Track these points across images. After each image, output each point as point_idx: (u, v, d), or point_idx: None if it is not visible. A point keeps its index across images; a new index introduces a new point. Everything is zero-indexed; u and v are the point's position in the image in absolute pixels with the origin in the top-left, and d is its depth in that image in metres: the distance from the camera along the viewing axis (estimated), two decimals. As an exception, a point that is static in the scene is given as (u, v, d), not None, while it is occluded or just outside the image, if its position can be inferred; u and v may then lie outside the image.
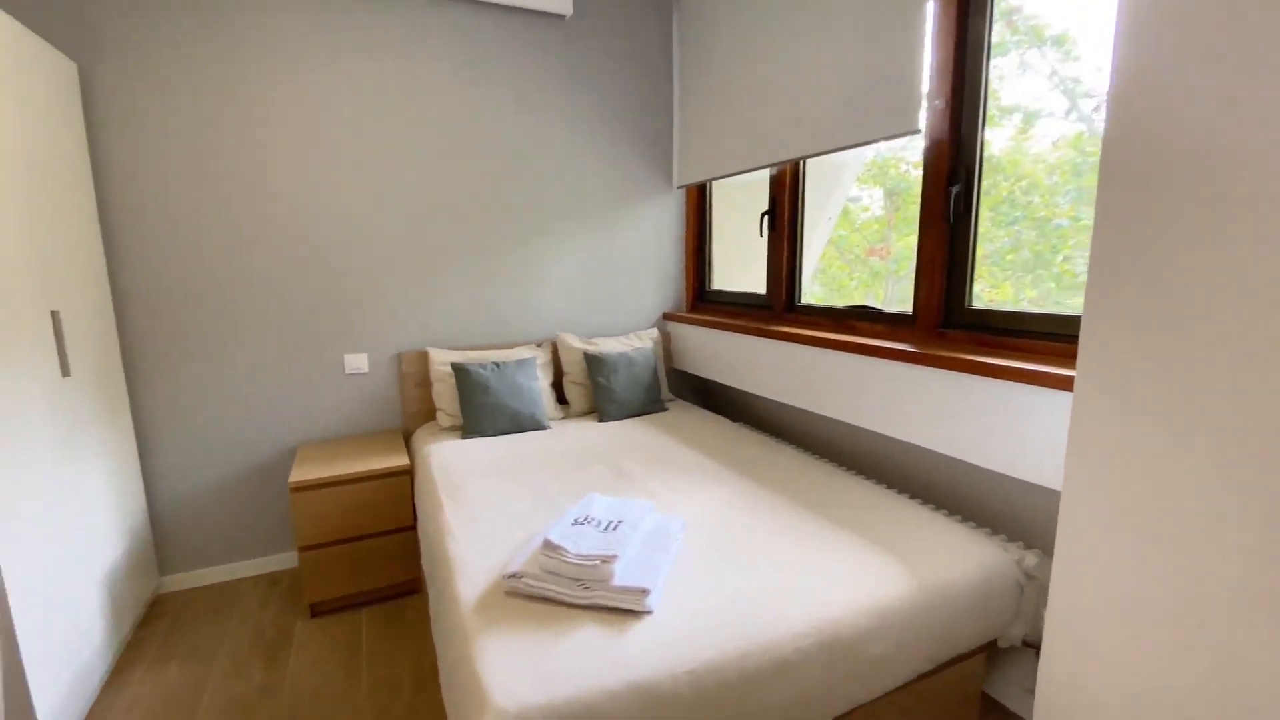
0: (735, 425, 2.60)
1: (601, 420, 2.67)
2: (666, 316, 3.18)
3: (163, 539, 2.39)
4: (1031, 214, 1.82)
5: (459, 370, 2.49)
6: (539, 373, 2.68)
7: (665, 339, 3.17)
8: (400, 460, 2.30)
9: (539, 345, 2.85)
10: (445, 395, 2.55)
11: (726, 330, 2.68)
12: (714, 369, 2.84)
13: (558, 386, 2.88)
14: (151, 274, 2.25)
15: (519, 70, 2.70)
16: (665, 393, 2.97)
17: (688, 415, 2.75)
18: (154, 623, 2.22)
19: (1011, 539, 1.74)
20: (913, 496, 2.00)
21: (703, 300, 3.19)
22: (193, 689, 1.87)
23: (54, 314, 1.76)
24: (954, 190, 1.83)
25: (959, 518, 1.82)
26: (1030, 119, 1.77)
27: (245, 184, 2.33)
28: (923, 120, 1.83)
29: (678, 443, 2.36)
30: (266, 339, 2.43)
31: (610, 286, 3.04)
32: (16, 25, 1.69)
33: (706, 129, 2.79)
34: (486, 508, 1.78)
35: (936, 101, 1.85)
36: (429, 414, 2.70)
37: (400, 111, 2.52)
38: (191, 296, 2.31)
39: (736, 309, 2.88)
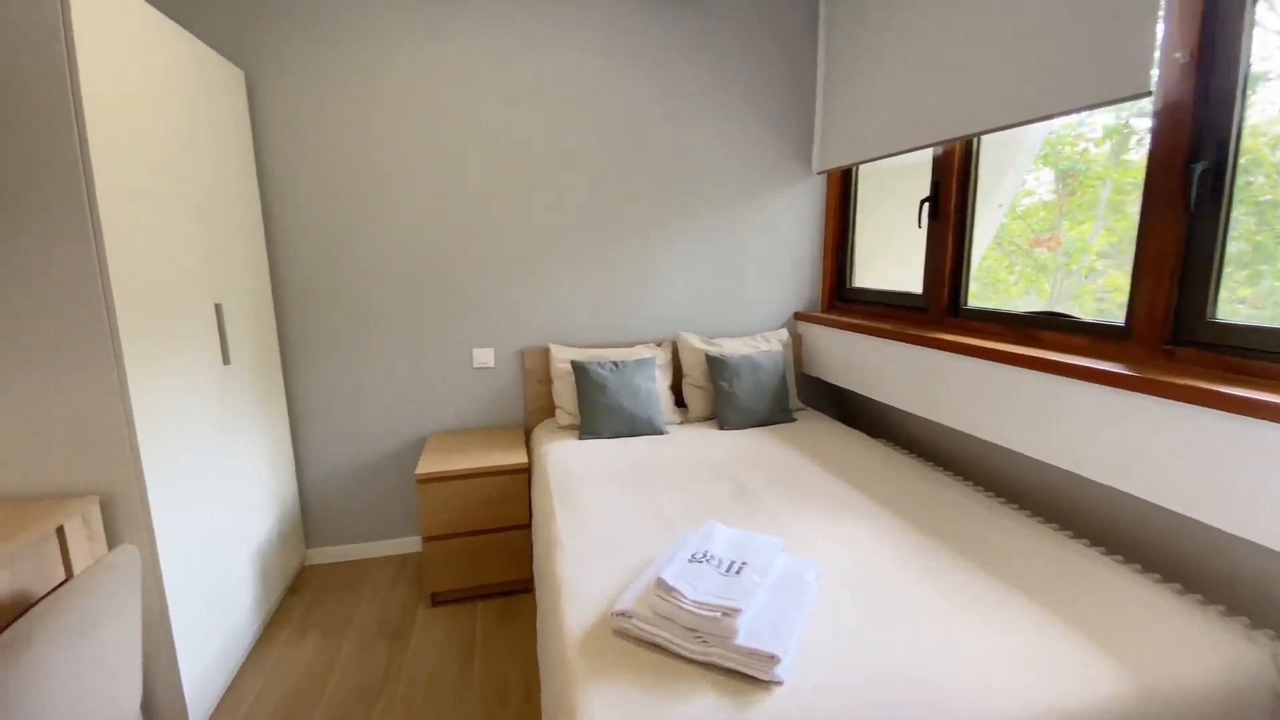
0: (877, 444, 2.29)
1: (722, 428, 2.48)
2: (799, 317, 2.90)
3: (310, 514, 2.58)
4: (1252, 197, 1.39)
5: (578, 368, 2.42)
6: (658, 374, 2.55)
7: (796, 341, 2.89)
8: (520, 458, 2.27)
9: (659, 345, 2.71)
10: (564, 393, 2.50)
11: (870, 335, 2.36)
12: (853, 377, 2.54)
13: (676, 389, 2.72)
14: (305, 270, 2.39)
15: (649, 56, 2.56)
16: (794, 401, 2.71)
17: (820, 428, 2.47)
18: (300, 591, 2.39)
19: (1256, 624, 1.32)
20: (1120, 559, 1.60)
21: (842, 299, 2.87)
22: (325, 665, 1.96)
23: (217, 307, 1.90)
24: (1196, 169, 1.41)
25: (1187, 592, 1.41)
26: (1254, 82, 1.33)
27: (386, 184, 2.41)
28: (1154, 80, 1.43)
29: (808, 460, 2.11)
30: (403, 332, 2.52)
31: (737, 283, 2.83)
32: (189, 37, 1.83)
33: (857, 106, 2.47)
34: (599, 521, 1.67)
35: (1177, 55, 1.43)
36: (549, 411, 2.66)
37: (529, 103, 2.48)
38: (339, 291, 2.44)
39: (883, 310, 2.54)
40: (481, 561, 2.27)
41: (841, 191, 2.81)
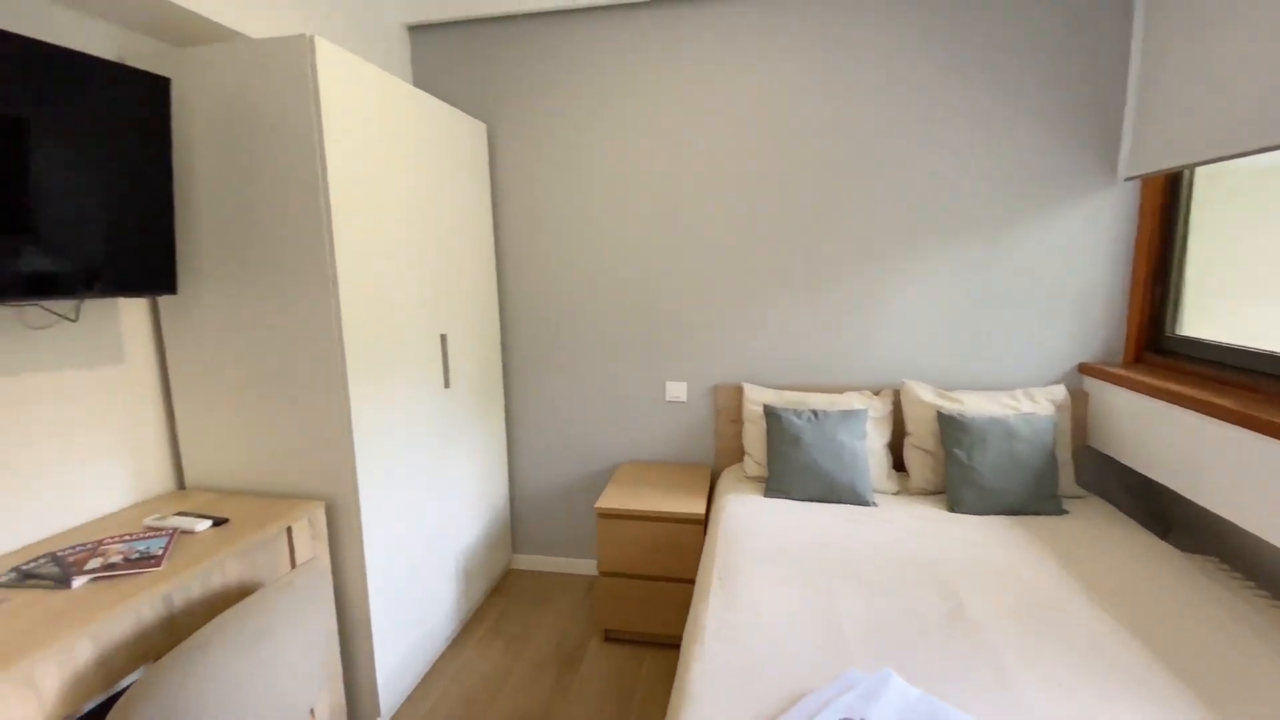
0: (1197, 567, 1.56)
1: (952, 509, 1.97)
2: (1086, 370, 2.18)
3: (518, 521, 2.79)
4: None
5: (770, 414, 2.16)
6: (870, 429, 2.14)
7: (1079, 402, 2.18)
8: (698, 507, 2.12)
9: (875, 393, 2.28)
10: (754, 439, 2.26)
11: (1208, 414, 1.62)
12: (1169, 466, 1.79)
13: (895, 448, 2.26)
14: (529, 299, 2.59)
15: (881, 65, 2.16)
16: (1068, 485, 2.03)
17: (1103, 530, 1.80)
18: (503, 593, 2.60)
19: None
20: None
21: (1158, 350, 2.07)
22: (500, 679, 2.07)
23: (443, 337, 2.13)
24: None
25: None
26: None
27: (598, 218, 2.48)
28: None
29: (1075, 581, 1.52)
30: (604, 360, 2.57)
31: (990, 321, 2.24)
32: (436, 101, 2.08)
33: (1209, 79, 1.73)
34: (755, 620, 1.41)
35: None
36: (739, 454, 2.45)
37: (743, 132, 2.30)
38: (554, 319, 2.58)
39: (1236, 376, 1.74)
40: (653, 608, 2.17)
41: (1165, 203, 2.02)
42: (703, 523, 2.10)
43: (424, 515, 2.04)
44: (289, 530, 1.57)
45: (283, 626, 1.23)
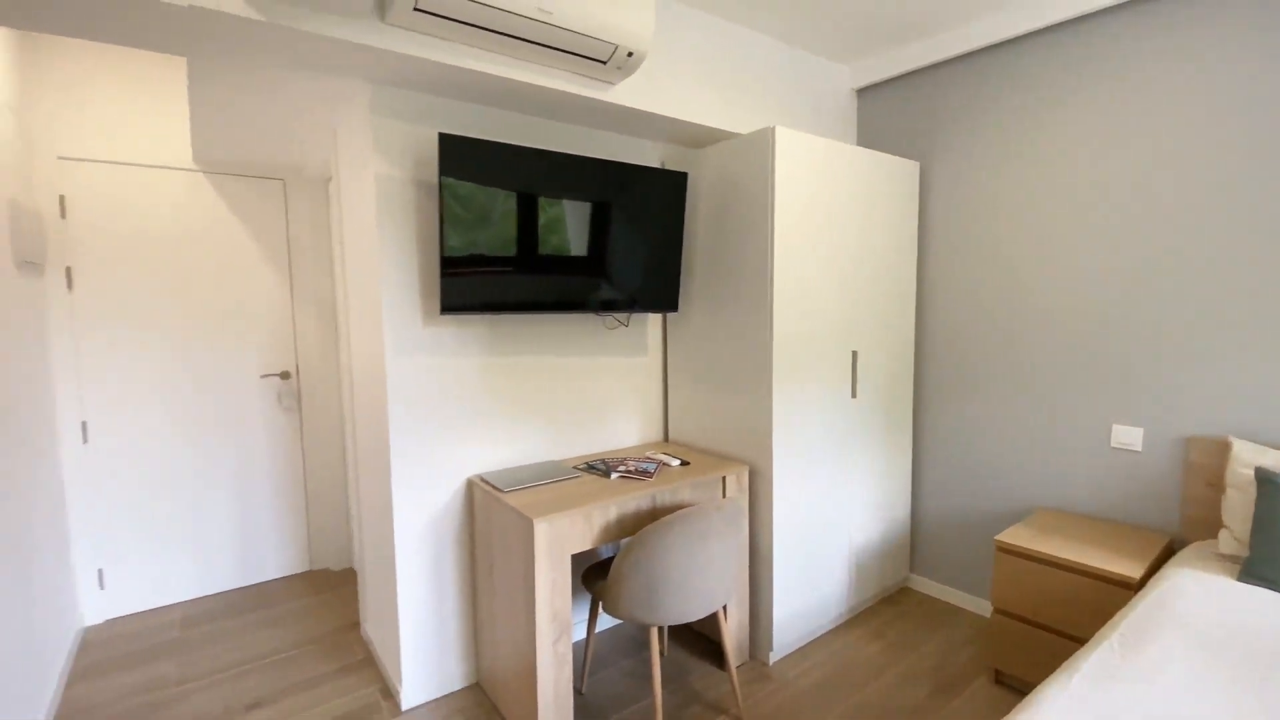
0: None
1: None
2: None
3: (918, 541, 2.85)
4: None
5: (1264, 480, 1.67)
6: None
7: None
8: (1133, 570, 1.83)
9: None
10: (1236, 510, 1.77)
11: None
12: None
13: None
14: (946, 330, 2.67)
15: None
16: None
17: None
18: (894, 604, 2.73)
19: None
20: None
21: None
22: (873, 672, 2.25)
23: (854, 354, 2.47)
24: None
25: None
26: None
27: (1038, 250, 2.37)
28: None
29: None
30: (1029, 392, 2.41)
31: None
32: (869, 153, 2.44)
33: None
34: (1140, 702, 1.25)
35: None
36: (1211, 528, 1.93)
37: (1205, 134, 1.86)
38: (974, 350, 2.58)
39: None
40: (1055, 663, 1.96)
41: None
42: (1134, 589, 1.80)
43: (824, 500, 2.41)
44: (723, 479, 2.18)
45: (713, 533, 1.80)
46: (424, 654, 2.09)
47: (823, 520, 2.41)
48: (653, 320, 2.61)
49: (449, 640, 2.14)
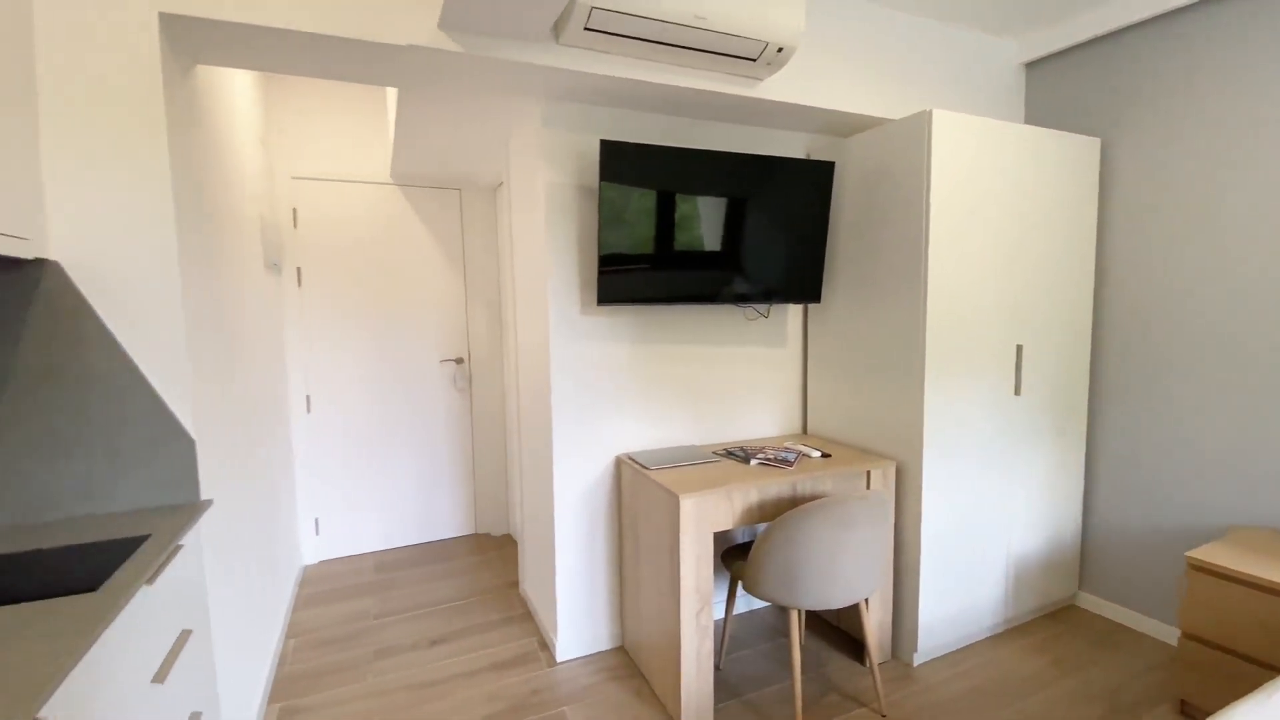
0: None
1: None
2: None
3: (1088, 557, 2.59)
4: None
5: None
6: None
7: None
8: (1372, 603, 1.56)
9: None
10: None
11: None
12: None
13: None
14: (1130, 315, 2.39)
15: None
16: None
17: None
18: (1060, 621, 2.51)
19: None
20: None
21: None
22: (1033, 685, 2.10)
23: (1018, 348, 2.30)
24: None
25: None
26: None
27: (1241, 231, 2.06)
28: None
29: None
30: (1232, 393, 2.11)
31: None
32: (1039, 130, 2.26)
33: None
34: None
35: None
36: None
37: None
38: (1165, 338, 2.30)
39: None
40: (1266, 707, 1.72)
41: None
42: (1378, 625, 1.53)
43: (980, 504, 2.29)
44: (868, 474, 2.16)
45: (856, 523, 1.81)
46: (576, 614, 2.30)
47: (978, 525, 2.29)
48: (793, 311, 2.63)
49: (599, 603, 2.34)
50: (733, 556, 2.10)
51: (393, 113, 2.61)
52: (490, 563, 3.17)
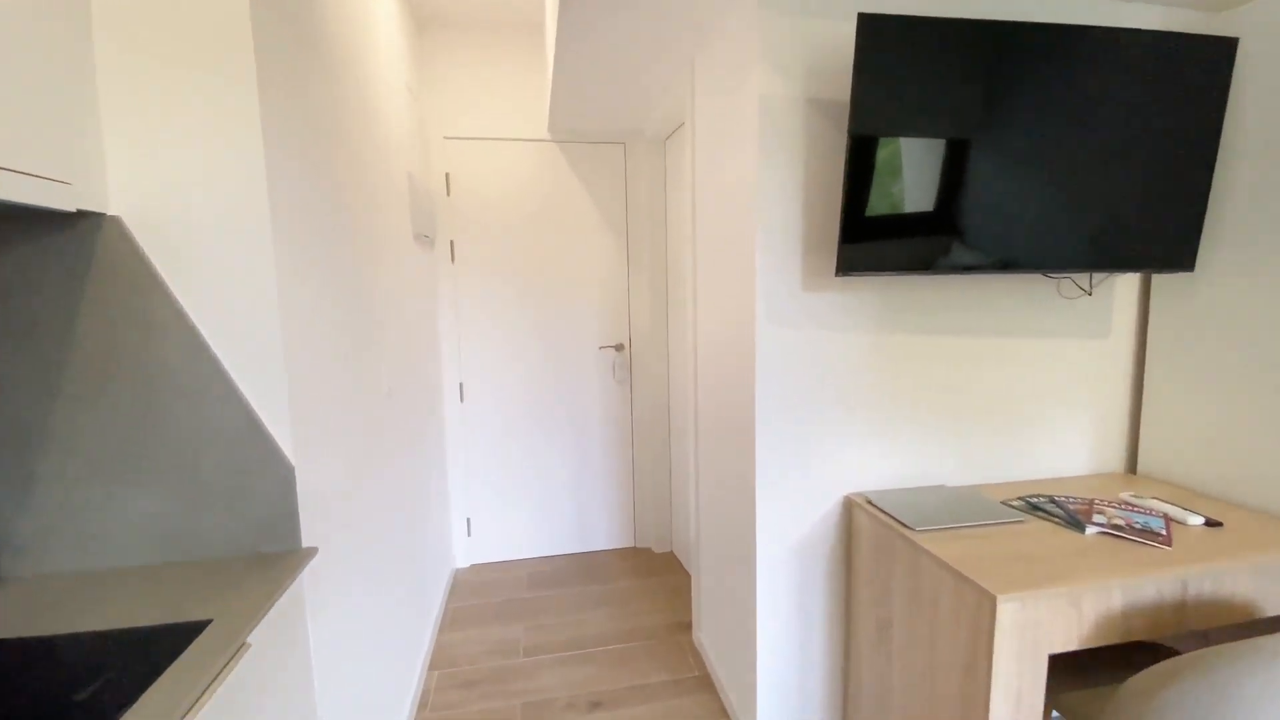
0: None
1: None
2: None
3: None
4: None
5: None
6: None
7: None
8: None
9: None
10: None
11: None
12: None
13: None
14: None
15: None
16: None
17: None
18: None
19: None
20: None
21: None
22: None
23: None
24: None
25: None
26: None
27: None
28: None
29: None
30: None
31: None
32: None
33: None
34: None
35: None
36: None
37: None
38: None
39: None
40: None
41: None
42: None
43: None
44: None
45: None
46: (781, 701, 1.67)
47: None
48: (1123, 283, 1.71)
49: (812, 693, 1.69)
50: (1054, 672, 1.33)
51: (551, 52, 2.10)
52: (653, 591, 2.64)
